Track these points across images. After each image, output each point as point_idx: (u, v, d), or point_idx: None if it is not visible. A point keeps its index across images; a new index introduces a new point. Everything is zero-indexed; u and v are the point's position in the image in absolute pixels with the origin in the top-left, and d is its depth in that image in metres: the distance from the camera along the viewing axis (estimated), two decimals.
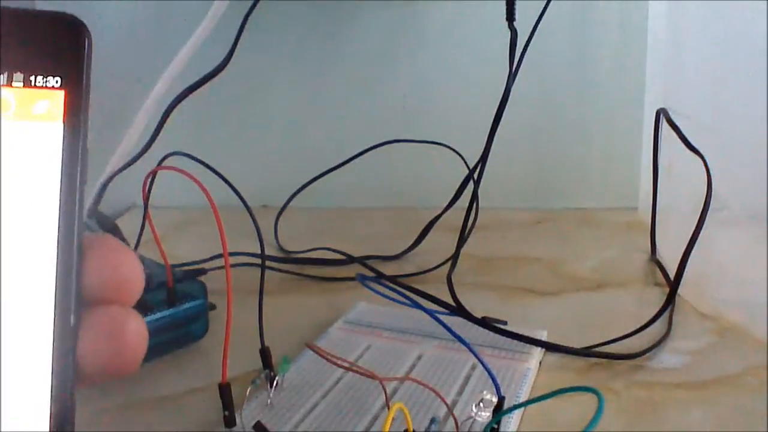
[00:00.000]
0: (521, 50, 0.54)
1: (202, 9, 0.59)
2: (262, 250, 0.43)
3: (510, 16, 0.53)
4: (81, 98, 0.19)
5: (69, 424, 0.18)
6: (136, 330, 0.19)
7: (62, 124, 0.19)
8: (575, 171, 0.80)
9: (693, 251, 0.47)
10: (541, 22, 0.55)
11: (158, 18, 0.77)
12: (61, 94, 0.19)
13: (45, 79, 0.19)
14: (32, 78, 0.19)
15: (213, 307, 0.48)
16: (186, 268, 0.53)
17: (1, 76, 0.18)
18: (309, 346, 0.39)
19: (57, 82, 0.19)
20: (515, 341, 0.44)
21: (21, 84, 0.19)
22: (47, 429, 0.18)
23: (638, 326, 0.46)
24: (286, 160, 0.81)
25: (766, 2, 0.46)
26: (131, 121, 0.61)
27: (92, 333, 0.19)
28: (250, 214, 0.43)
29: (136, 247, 0.56)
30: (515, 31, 0.53)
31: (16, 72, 0.18)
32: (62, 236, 0.18)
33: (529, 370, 0.42)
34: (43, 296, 0.18)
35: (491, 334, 0.45)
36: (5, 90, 0.18)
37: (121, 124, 0.61)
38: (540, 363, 0.44)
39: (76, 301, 0.19)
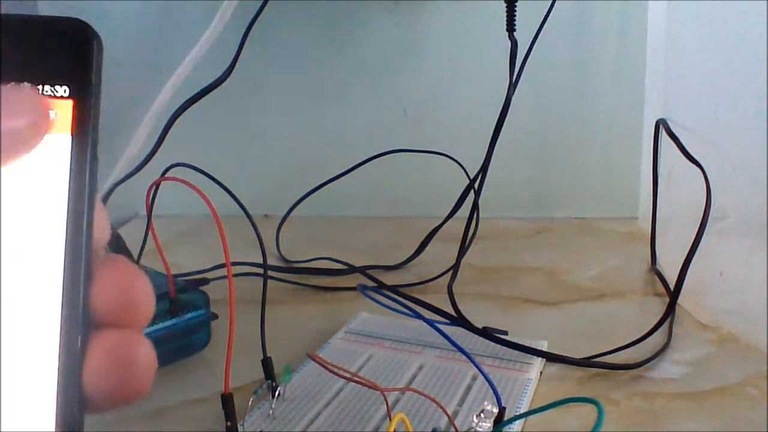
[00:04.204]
0: (521, 60, 0.54)
1: (204, 20, 0.59)
2: (264, 259, 0.43)
3: (510, 27, 0.54)
4: (90, 108, 0.18)
5: None
6: (145, 357, 0.18)
7: (70, 136, 0.18)
8: (575, 181, 0.81)
9: (693, 261, 0.47)
10: (541, 33, 0.56)
11: (161, 28, 0.78)
12: (69, 104, 0.18)
13: (53, 89, 0.18)
14: (39, 88, 0.18)
15: (215, 317, 0.48)
16: (188, 277, 0.54)
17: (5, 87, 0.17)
18: (311, 356, 0.39)
19: (65, 91, 0.18)
20: (516, 351, 0.45)
21: None
22: None
23: (638, 336, 0.46)
24: (288, 169, 0.82)
25: (766, 13, 0.46)
26: (134, 131, 0.61)
27: (100, 357, 0.18)
28: (252, 223, 0.43)
29: (138, 257, 0.56)
30: (515, 41, 0.53)
31: (22, 82, 0.17)
32: (70, 252, 0.18)
33: (529, 381, 0.42)
34: (49, 315, 0.17)
35: (492, 344, 0.46)
36: None
37: (123, 134, 0.62)
38: (540, 373, 0.44)
39: (84, 321, 0.18)
